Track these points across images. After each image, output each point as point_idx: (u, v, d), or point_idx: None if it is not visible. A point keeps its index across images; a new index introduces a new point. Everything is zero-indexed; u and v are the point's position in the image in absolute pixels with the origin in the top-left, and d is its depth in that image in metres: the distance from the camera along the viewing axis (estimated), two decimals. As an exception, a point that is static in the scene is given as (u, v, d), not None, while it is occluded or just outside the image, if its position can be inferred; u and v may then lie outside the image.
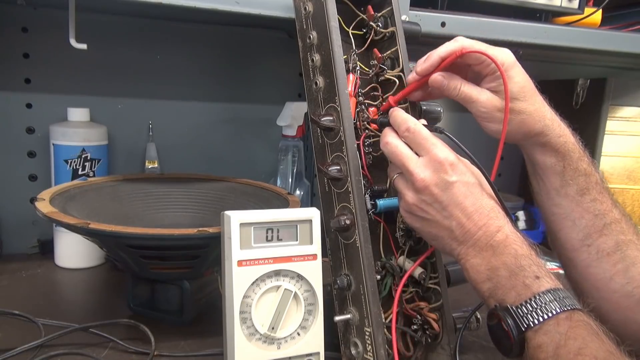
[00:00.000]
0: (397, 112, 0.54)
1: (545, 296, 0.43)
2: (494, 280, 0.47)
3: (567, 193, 0.55)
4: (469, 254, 0.49)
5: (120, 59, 0.97)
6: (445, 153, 0.50)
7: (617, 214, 0.55)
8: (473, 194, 0.49)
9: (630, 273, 0.52)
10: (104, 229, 0.60)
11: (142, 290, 0.72)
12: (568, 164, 0.55)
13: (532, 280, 0.45)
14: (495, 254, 0.47)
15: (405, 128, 0.52)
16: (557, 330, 0.42)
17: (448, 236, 0.50)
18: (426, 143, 0.50)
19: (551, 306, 0.43)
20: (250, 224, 0.51)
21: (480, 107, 0.53)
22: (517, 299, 0.44)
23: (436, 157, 0.49)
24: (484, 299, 0.48)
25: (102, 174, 0.90)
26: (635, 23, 0.96)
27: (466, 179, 0.49)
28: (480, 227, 0.48)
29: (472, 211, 0.48)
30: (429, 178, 0.49)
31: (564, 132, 0.55)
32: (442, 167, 0.49)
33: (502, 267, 0.46)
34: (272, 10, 0.67)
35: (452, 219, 0.49)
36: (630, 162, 1.11)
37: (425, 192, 0.49)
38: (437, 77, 0.54)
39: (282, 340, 0.52)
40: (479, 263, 0.48)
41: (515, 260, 0.46)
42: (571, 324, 0.42)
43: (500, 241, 0.47)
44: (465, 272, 0.50)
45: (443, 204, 0.49)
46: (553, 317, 0.42)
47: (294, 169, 1.01)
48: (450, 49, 0.53)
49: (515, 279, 0.45)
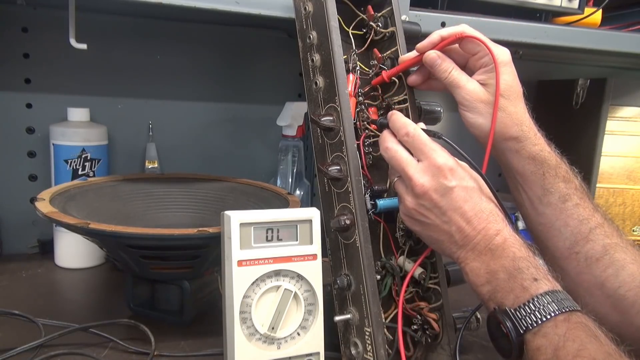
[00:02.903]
0: (396, 116, 0.54)
1: (543, 298, 0.43)
2: (493, 283, 0.47)
3: (549, 201, 0.56)
4: (468, 257, 0.49)
5: (120, 59, 0.97)
6: (444, 158, 0.50)
7: (599, 218, 0.55)
8: (472, 198, 0.49)
9: (620, 277, 0.53)
10: (104, 229, 0.60)
11: (142, 290, 0.72)
12: (547, 171, 0.55)
13: (530, 283, 0.45)
14: (494, 257, 0.47)
15: (404, 132, 0.52)
16: (555, 333, 0.42)
17: (448, 240, 0.50)
18: (425, 148, 0.51)
19: (549, 308, 0.43)
20: (250, 224, 0.51)
21: (465, 94, 0.54)
22: (516, 301, 0.45)
23: (435, 162, 0.50)
24: (484, 302, 0.48)
25: (102, 174, 0.90)
26: (635, 23, 0.96)
27: (465, 184, 0.49)
28: (479, 231, 0.48)
29: (472, 216, 0.49)
30: (428, 183, 0.49)
31: (539, 141, 0.55)
32: (441, 172, 0.49)
33: (501, 270, 0.46)
34: (272, 10, 0.67)
35: (451, 223, 0.49)
36: (630, 162, 1.11)
37: (424, 197, 0.50)
38: (431, 54, 0.55)
39: (282, 340, 0.52)
40: (478, 267, 0.48)
41: (514, 262, 0.46)
42: (569, 325, 0.42)
43: (499, 244, 0.48)
44: (465, 275, 0.50)
45: (442, 209, 0.49)
46: (551, 319, 0.42)
47: (294, 169, 1.01)
48: (452, 30, 0.54)
49: (514, 282, 0.45)
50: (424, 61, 0.56)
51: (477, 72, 0.55)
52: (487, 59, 0.53)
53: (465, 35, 0.53)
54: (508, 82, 0.54)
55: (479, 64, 0.55)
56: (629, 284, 0.52)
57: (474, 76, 0.55)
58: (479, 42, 0.53)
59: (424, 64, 0.56)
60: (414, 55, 0.57)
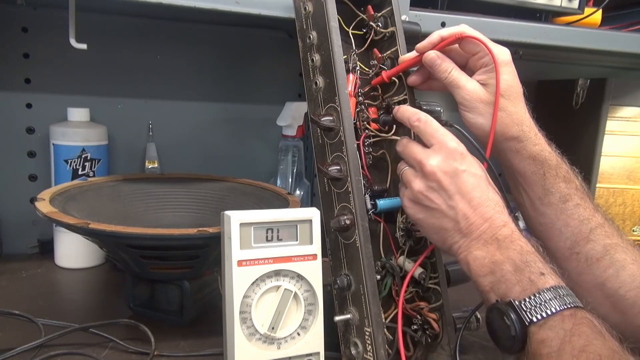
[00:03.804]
0: (405, 106, 0.56)
1: (549, 292, 0.43)
2: (497, 274, 0.47)
3: (550, 201, 0.56)
4: (472, 246, 0.49)
5: (120, 59, 0.97)
6: (455, 143, 0.51)
7: (600, 218, 0.55)
8: (480, 186, 0.49)
9: (621, 277, 0.53)
10: (104, 229, 0.60)
11: (142, 290, 0.72)
12: (547, 171, 0.55)
13: (537, 277, 0.45)
14: (501, 248, 0.47)
15: (416, 118, 0.53)
16: (562, 327, 0.42)
17: (452, 228, 0.50)
18: (437, 133, 0.51)
19: (557, 302, 0.43)
20: (250, 224, 0.51)
21: (465, 94, 0.54)
22: (522, 293, 0.44)
23: (446, 145, 0.50)
24: (484, 293, 0.48)
25: (102, 174, 0.90)
26: (635, 23, 0.96)
27: (474, 171, 0.50)
28: (487, 219, 0.48)
29: (478, 203, 0.49)
30: (438, 164, 0.50)
31: (539, 140, 0.55)
32: (452, 155, 0.50)
33: (507, 261, 0.46)
34: (272, 10, 0.67)
35: (457, 209, 0.49)
36: (630, 162, 1.11)
37: (433, 177, 0.50)
38: (431, 54, 0.55)
39: (282, 340, 0.52)
40: (482, 256, 0.48)
41: (521, 256, 0.46)
42: (576, 320, 0.42)
43: (507, 236, 0.48)
44: (465, 264, 0.50)
45: (450, 192, 0.49)
46: (558, 313, 0.42)
47: (294, 169, 1.01)
48: (452, 30, 0.54)
49: (521, 274, 0.45)
50: (423, 61, 0.56)
51: (477, 72, 0.55)
52: (487, 59, 0.54)
53: (465, 35, 0.53)
54: (508, 82, 0.54)
55: (479, 64, 0.55)
56: (629, 284, 0.52)
57: (474, 76, 0.55)
58: (479, 42, 0.53)
59: (423, 64, 0.56)
60: (413, 56, 0.57)
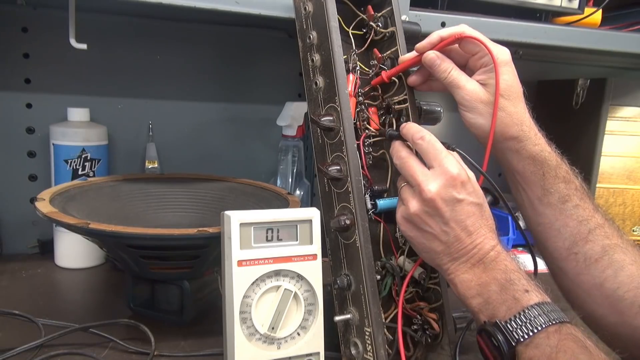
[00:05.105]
0: (411, 124, 0.55)
1: (534, 310, 0.44)
2: (484, 295, 0.47)
3: (549, 202, 0.56)
4: (460, 269, 0.49)
5: (120, 59, 0.97)
6: (457, 168, 0.50)
7: (599, 219, 0.55)
8: (475, 214, 0.49)
9: (619, 278, 0.53)
10: (104, 229, 0.60)
11: (142, 290, 0.72)
12: (547, 171, 0.55)
13: (521, 294, 0.45)
14: (486, 269, 0.48)
15: (420, 136, 0.52)
16: (547, 344, 0.42)
17: (442, 251, 0.50)
18: (439, 155, 0.50)
19: (540, 320, 0.43)
20: (250, 224, 0.51)
21: (465, 94, 0.54)
22: (507, 313, 0.45)
23: (448, 170, 0.49)
24: (473, 314, 0.49)
25: (102, 174, 0.90)
26: (635, 23, 0.96)
27: (472, 199, 0.50)
28: (477, 245, 0.49)
29: (472, 231, 0.49)
30: (437, 191, 0.49)
31: (539, 141, 0.55)
32: (452, 182, 0.49)
33: (493, 282, 0.47)
34: (272, 10, 0.67)
35: (450, 235, 0.49)
36: (630, 162, 1.11)
37: (430, 203, 0.49)
38: (431, 54, 0.55)
39: (282, 340, 0.52)
40: (469, 279, 0.49)
41: (505, 274, 0.47)
42: (560, 336, 0.42)
43: (493, 258, 0.48)
44: (453, 287, 0.50)
45: (445, 219, 0.49)
46: (543, 330, 0.43)
47: (294, 169, 1.01)
48: (452, 31, 0.54)
49: (506, 293, 0.46)
50: (423, 61, 0.56)
51: (477, 72, 0.55)
52: (487, 59, 0.53)
53: (464, 35, 0.53)
54: (508, 82, 0.53)
55: (479, 64, 0.54)
56: (627, 284, 0.52)
57: (474, 76, 0.55)
58: (479, 42, 0.53)
59: (423, 64, 0.56)
60: (413, 56, 0.57)
